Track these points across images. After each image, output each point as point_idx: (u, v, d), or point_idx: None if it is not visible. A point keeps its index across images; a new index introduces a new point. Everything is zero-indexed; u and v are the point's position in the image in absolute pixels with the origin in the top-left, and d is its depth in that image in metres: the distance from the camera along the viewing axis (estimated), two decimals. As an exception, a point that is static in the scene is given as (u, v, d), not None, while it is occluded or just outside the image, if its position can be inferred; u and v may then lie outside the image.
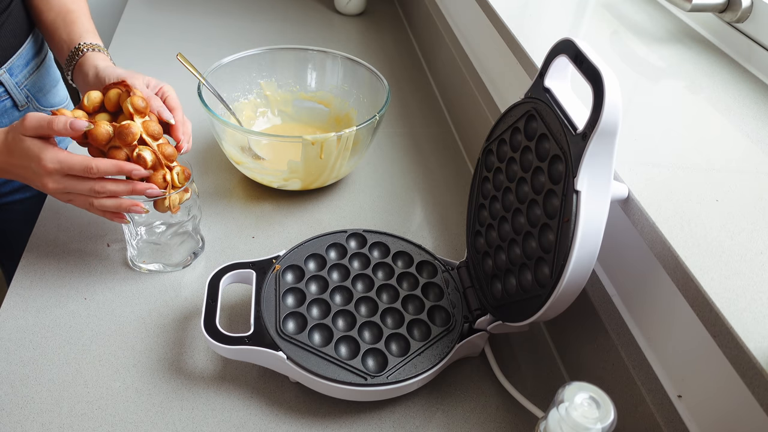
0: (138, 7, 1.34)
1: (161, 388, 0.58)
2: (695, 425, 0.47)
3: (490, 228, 0.61)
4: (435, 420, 0.58)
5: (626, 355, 0.54)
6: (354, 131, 0.75)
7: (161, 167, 0.62)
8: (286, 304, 0.60)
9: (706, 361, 0.46)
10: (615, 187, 0.49)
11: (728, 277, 0.42)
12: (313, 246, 0.66)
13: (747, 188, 0.50)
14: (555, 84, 0.54)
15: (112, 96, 0.63)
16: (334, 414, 0.58)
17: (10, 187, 0.89)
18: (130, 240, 0.68)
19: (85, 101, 0.63)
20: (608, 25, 0.77)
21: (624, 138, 0.55)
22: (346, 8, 1.38)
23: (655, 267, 0.52)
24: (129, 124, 0.60)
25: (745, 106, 0.61)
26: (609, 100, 0.44)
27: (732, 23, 0.68)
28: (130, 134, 0.60)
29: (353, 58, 0.90)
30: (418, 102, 1.09)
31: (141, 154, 0.61)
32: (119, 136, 0.60)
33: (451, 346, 0.58)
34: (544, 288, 0.50)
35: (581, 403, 0.40)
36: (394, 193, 0.86)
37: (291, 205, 0.82)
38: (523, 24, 0.75)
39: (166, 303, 0.67)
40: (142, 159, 0.61)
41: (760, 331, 0.38)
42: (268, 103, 0.94)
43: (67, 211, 0.76)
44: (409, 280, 0.64)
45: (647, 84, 0.65)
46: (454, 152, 0.96)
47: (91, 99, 0.63)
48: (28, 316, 0.64)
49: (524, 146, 0.56)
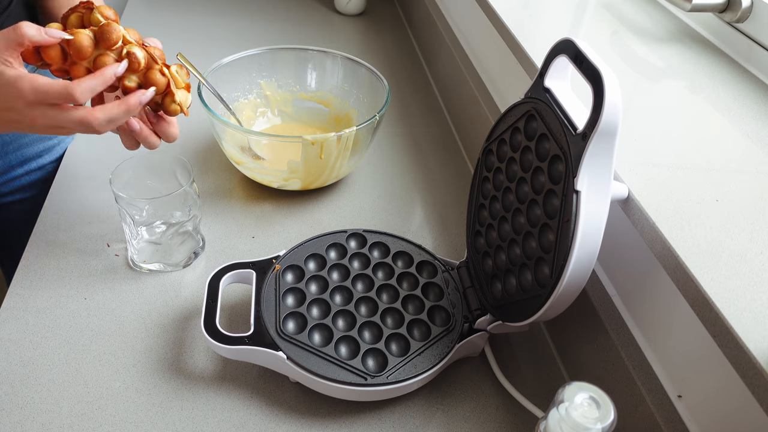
0: (138, 7, 1.34)
1: (161, 388, 0.58)
2: (695, 425, 0.47)
3: (490, 228, 0.61)
4: (435, 420, 0.58)
5: (626, 355, 0.54)
6: (354, 131, 0.75)
7: (155, 62, 0.58)
8: (286, 304, 0.60)
9: (706, 361, 0.46)
10: (615, 187, 0.49)
11: (728, 277, 0.42)
12: (313, 246, 0.66)
13: (747, 188, 0.50)
14: (555, 84, 0.54)
15: (73, 20, 0.57)
16: (334, 414, 0.58)
17: (10, 187, 0.89)
18: (130, 240, 0.68)
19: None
20: (608, 25, 0.77)
21: (624, 138, 0.55)
22: (346, 8, 1.38)
23: (655, 267, 0.52)
24: (109, 22, 0.55)
25: (745, 106, 0.61)
26: (609, 100, 0.44)
27: (732, 23, 0.68)
28: (114, 31, 0.54)
29: (353, 58, 0.90)
30: (418, 102, 1.09)
31: (131, 51, 0.56)
32: (102, 39, 0.54)
33: (451, 346, 0.58)
34: (544, 288, 0.50)
35: (581, 403, 0.40)
36: (394, 193, 0.86)
37: (291, 205, 0.82)
38: (523, 24, 0.75)
39: (166, 303, 0.67)
40: (133, 57, 0.56)
41: (760, 331, 0.38)
42: (268, 103, 0.94)
43: (67, 211, 0.77)
44: (409, 280, 0.64)
45: (647, 84, 0.65)
46: (454, 152, 0.96)
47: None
48: (28, 316, 0.64)
49: (524, 146, 0.56)
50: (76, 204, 0.78)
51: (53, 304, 0.65)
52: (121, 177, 0.66)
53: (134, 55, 0.56)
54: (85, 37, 0.55)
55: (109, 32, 0.55)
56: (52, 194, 0.79)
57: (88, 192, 0.80)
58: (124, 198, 0.63)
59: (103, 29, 0.55)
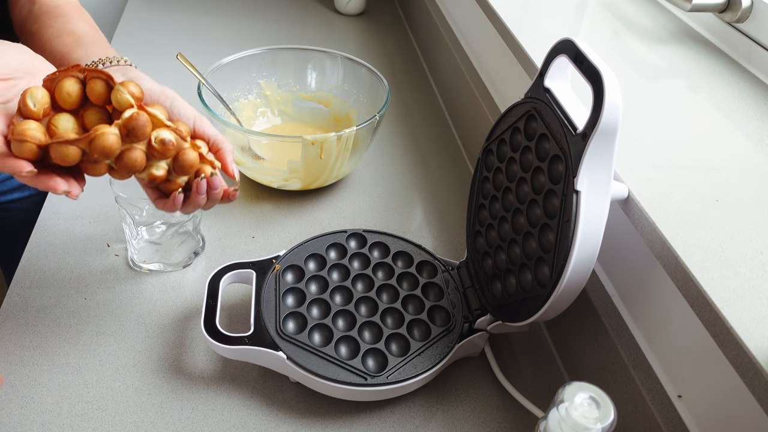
0: (138, 7, 1.34)
1: (161, 388, 0.58)
2: (695, 425, 0.47)
3: (490, 228, 0.61)
4: (435, 420, 0.58)
5: (626, 355, 0.54)
6: (354, 131, 0.75)
7: (184, 140, 0.48)
8: (286, 304, 0.60)
9: (706, 361, 0.46)
10: (615, 187, 0.49)
11: (728, 277, 0.42)
12: (313, 246, 0.66)
13: (747, 188, 0.50)
14: (555, 84, 0.54)
15: (97, 87, 0.47)
16: (334, 414, 0.58)
17: (9, 186, 0.89)
18: (130, 240, 0.68)
19: (30, 104, 0.45)
20: (608, 25, 0.77)
21: (624, 138, 0.55)
22: (346, 8, 1.38)
23: (655, 267, 0.52)
24: (136, 113, 0.45)
25: (745, 106, 0.61)
26: (609, 100, 0.44)
27: (732, 23, 0.68)
28: (147, 125, 0.45)
29: (353, 58, 0.90)
30: (418, 102, 1.09)
31: (160, 138, 0.46)
32: (132, 134, 0.45)
33: (451, 346, 0.58)
34: (544, 288, 0.50)
35: (581, 403, 0.40)
36: (394, 193, 0.86)
37: (291, 205, 0.82)
38: (523, 24, 0.75)
39: (166, 303, 0.67)
40: (166, 143, 0.47)
41: (760, 331, 0.38)
42: (268, 103, 0.94)
43: (67, 211, 0.77)
44: (409, 280, 0.64)
45: (647, 84, 0.65)
46: (454, 152, 0.96)
47: (37, 99, 0.45)
48: (28, 316, 0.64)
49: (524, 146, 0.56)
50: (76, 204, 0.77)
51: (53, 304, 0.65)
52: (121, 177, 0.66)
53: (167, 142, 0.46)
54: (113, 137, 0.44)
55: (142, 127, 0.45)
56: (52, 194, 0.79)
57: (88, 192, 0.80)
58: (124, 198, 0.63)
59: (132, 124, 0.45)
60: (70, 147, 0.45)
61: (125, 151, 0.46)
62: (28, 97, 0.45)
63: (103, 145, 0.44)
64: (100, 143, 0.44)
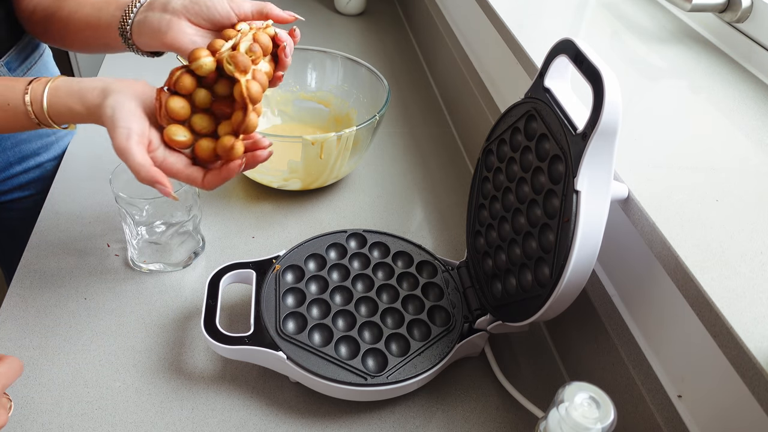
0: (138, 7, 1.33)
1: (161, 388, 0.58)
2: (695, 425, 0.47)
3: (490, 228, 0.61)
4: (435, 420, 0.58)
5: (626, 355, 0.54)
6: (354, 131, 0.75)
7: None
8: (286, 304, 0.60)
9: (706, 361, 0.46)
10: (615, 187, 0.49)
11: (728, 277, 0.42)
12: (313, 246, 0.66)
13: (747, 188, 0.50)
14: (555, 84, 0.54)
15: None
16: (334, 414, 0.58)
17: (9, 185, 0.89)
18: (130, 240, 0.68)
19: (196, 66, 0.49)
20: (608, 25, 0.77)
21: (624, 138, 0.55)
22: (346, 8, 1.38)
23: (655, 267, 0.52)
24: (248, 111, 0.50)
25: (745, 106, 0.61)
26: (609, 100, 0.44)
27: (732, 23, 0.68)
28: (253, 124, 0.50)
29: (353, 58, 0.90)
30: (418, 102, 1.09)
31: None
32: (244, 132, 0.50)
33: (451, 346, 0.58)
34: (544, 288, 0.50)
35: (581, 403, 0.40)
36: (394, 193, 0.86)
37: (291, 205, 0.82)
38: (523, 24, 0.75)
39: (166, 303, 0.67)
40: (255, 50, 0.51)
41: (760, 331, 0.38)
42: (268, 103, 0.94)
43: (67, 210, 0.77)
44: (409, 280, 0.64)
45: (647, 84, 0.65)
46: (454, 152, 0.96)
47: (202, 65, 0.49)
48: (28, 316, 0.64)
49: (524, 146, 0.56)
50: (76, 204, 0.78)
51: (53, 304, 0.65)
52: (121, 177, 0.66)
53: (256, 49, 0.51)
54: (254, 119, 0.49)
55: (249, 127, 0.50)
56: (52, 194, 0.79)
57: (88, 192, 0.80)
58: (124, 198, 0.63)
59: (245, 123, 0.49)
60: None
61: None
62: (194, 62, 0.49)
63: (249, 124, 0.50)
64: (251, 125, 0.50)
